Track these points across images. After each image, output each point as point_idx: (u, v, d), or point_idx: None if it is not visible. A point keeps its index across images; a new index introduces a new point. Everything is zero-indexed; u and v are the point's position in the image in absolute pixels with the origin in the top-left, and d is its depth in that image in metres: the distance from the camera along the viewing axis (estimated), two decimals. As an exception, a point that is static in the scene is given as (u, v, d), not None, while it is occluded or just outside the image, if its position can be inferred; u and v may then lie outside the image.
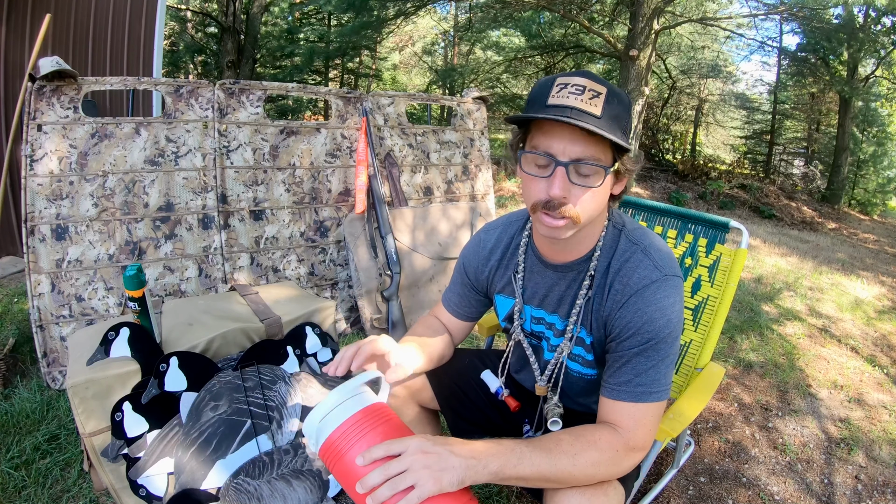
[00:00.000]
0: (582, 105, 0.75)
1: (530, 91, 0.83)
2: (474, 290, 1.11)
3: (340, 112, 2.42)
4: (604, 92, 0.76)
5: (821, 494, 1.60)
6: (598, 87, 0.76)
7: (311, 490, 1.33)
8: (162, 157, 2.01)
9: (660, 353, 0.84)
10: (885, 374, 2.47)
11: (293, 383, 1.45)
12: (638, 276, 0.86)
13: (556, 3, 7.37)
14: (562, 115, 0.74)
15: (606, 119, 0.75)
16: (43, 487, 1.38)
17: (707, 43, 12.09)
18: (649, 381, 0.84)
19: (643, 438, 0.84)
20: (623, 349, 0.86)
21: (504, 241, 1.06)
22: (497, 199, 5.76)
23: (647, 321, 0.83)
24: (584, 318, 0.94)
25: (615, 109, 0.77)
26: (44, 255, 1.83)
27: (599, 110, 0.75)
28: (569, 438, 0.81)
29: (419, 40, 15.99)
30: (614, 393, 0.86)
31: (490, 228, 1.10)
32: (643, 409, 0.83)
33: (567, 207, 0.79)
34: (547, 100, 0.77)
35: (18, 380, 1.86)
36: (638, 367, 0.84)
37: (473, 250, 1.09)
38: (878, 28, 8.13)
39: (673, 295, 0.85)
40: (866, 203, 10.36)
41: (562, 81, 0.78)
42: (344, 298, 2.49)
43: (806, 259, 4.96)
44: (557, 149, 0.77)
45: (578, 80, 0.77)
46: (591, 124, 0.73)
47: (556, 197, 0.78)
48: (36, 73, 1.76)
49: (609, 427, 0.84)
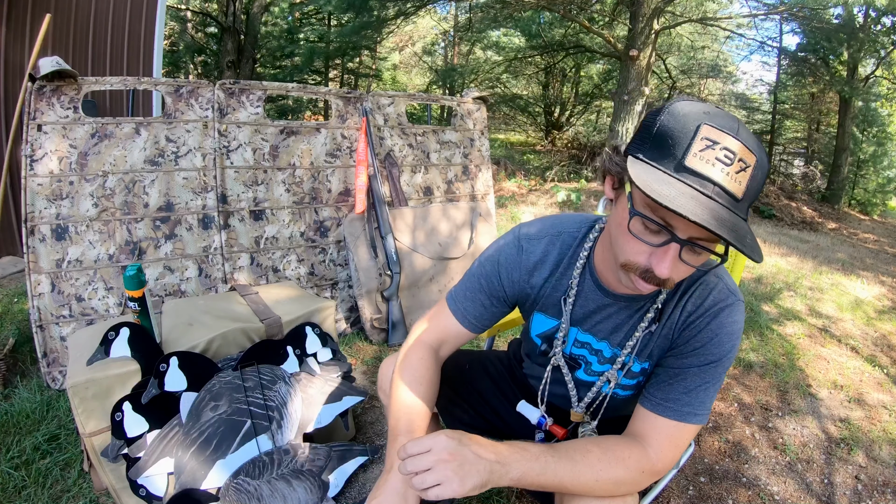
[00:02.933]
0: (726, 182, 0.63)
1: (662, 119, 0.67)
2: (503, 301, 0.98)
3: (340, 112, 2.42)
4: (753, 163, 0.64)
5: (821, 494, 1.60)
6: (749, 156, 0.64)
7: (311, 490, 1.33)
8: (162, 157, 2.01)
9: (715, 375, 0.82)
10: (885, 374, 2.47)
11: (293, 383, 1.45)
12: (713, 298, 0.82)
13: (556, 3, 7.37)
14: (700, 188, 0.63)
15: (747, 200, 0.66)
16: (43, 487, 1.38)
17: (707, 43, 12.10)
18: (697, 401, 0.81)
19: (670, 461, 0.81)
20: (681, 365, 0.83)
21: (553, 256, 0.93)
22: (497, 199, 5.76)
23: (716, 342, 0.81)
24: (641, 350, 0.89)
25: (757, 184, 0.66)
26: (44, 255, 1.83)
27: (742, 189, 0.64)
28: (597, 452, 0.78)
29: (419, 40, 15.99)
30: (659, 407, 0.82)
31: (533, 238, 0.95)
32: (682, 429, 0.81)
33: (665, 281, 0.71)
34: (685, 156, 0.64)
35: (18, 380, 1.86)
36: (690, 384, 0.81)
37: (513, 258, 0.94)
38: (878, 28, 8.13)
39: (741, 320, 0.83)
40: (866, 203, 10.35)
41: (710, 136, 0.63)
42: (344, 298, 2.49)
43: (806, 259, 4.95)
44: (679, 224, 0.66)
45: (731, 143, 0.63)
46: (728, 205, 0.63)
47: (661, 276, 0.69)
48: (36, 73, 1.76)
49: (640, 445, 0.81)
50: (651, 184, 0.62)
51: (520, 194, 6.49)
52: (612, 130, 7.45)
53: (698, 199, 0.61)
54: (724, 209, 0.63)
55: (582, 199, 5.72)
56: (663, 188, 0.61)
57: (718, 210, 0.62)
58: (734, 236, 0.60)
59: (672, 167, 0.65)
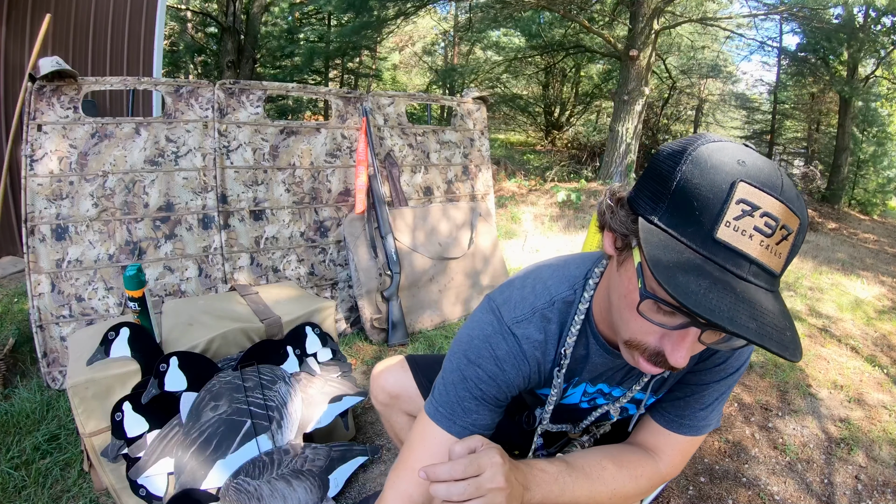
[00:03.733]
0: (764, 257, 0.50)
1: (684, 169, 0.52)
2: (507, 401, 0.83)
3: (340, 112, 2.42)
4: (796, 228, 0.51)
5: (821, 494, 1.60)
6: (793, 220, 0.50)
7: (311, 490, 1.33)
8: (162, 157, 2.01)
9: (729, 387, 0.80)
10: (885, 374, 2.47)
11: (293, 383, 1.45)
12: None
13: (556, 3, 7.37)
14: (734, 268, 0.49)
15: (783, 270, 0.53)
16: (43, 487, 1.38)
17: (707, 43, 12.09)
18: (712, 414, 0.80)
19: (679, 471, 0.82)
20: (698, 381, 0.80)
21: (554, 331, 0.78)
22: (497, 199, 5.76)
23: (736, 356, 0.79)
24: (653, 387, 0.83)
25: (796, 252, 0.53)
26: (44, 255, 1.83)
27: (782, 264, 0.51)
28: (613, 469, 0.77)
29: (419, 40, 15.99)
30: (674, 424, 0.81)
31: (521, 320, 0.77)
32: (695, 443, 0.81)
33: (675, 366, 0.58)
34: (716, 226, 0.49)
35: (18, 380, 1.86)
36: (705, 399, 0.79)
37: (512, 361, 0.77)
38: (878, 28, 8.13)
39: None
40: (866, 203, 10.35)
41: (749, 198, 0.49)
42: (344, 298, 2.49)
43: (806, 259, 4.95)
44: None
45: (774, 205, 0.49)
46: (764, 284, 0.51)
47: (675, 365, 0.57)
48: (36, 73, 1.76)
49: (652, 459, 0.81)
50: (674, 275, 0.48)
51: (520, 194, 6.49)
52: (611, 130, 7.45)
53: (732, 289, 0.48)
54: (763, 292, 0.50)
55: (582, 199, 5.72)
56: (690, 282, 0.48)
57: (757, 298, 0.49)
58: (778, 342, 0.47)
59: (699, 240, 0.50)
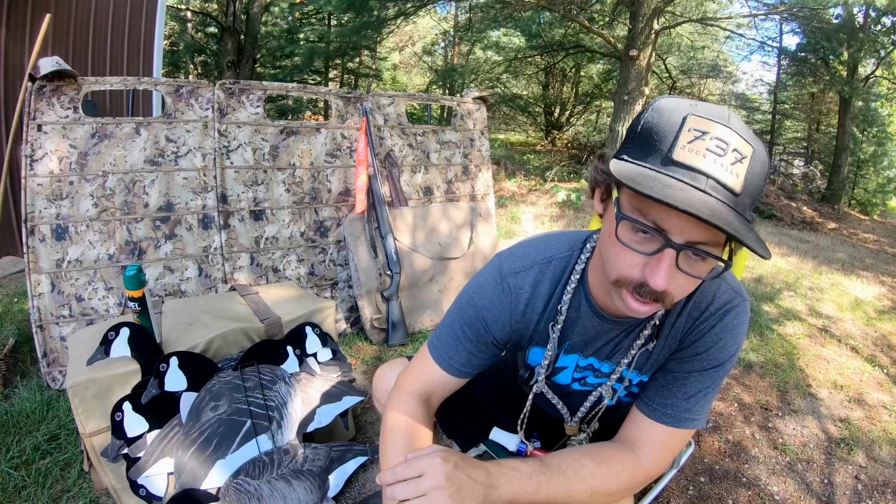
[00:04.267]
0: (721, 174, 0.55)
1: (646, 116, 0.61)
2: (493, 345, 0.88)
3: (340, 112, 2.42)
4: (750, 154, 0.56)
5: (821, 494, 1.60)
6: (745, 146, 0.56)
7: (311, 490, 1.33)
8: (162, 157, 2.01)
9: (715, 379, 0.78)
10: (885, 374, 2.47)
11: (293, 383, 1.45)
12: (718, 300, 0.77)
13: (556, 3, 7.37)
14: (692, 182, 0.55)
15: (747, 195, 0.57)
16: (43, 487, 1.38)
17: (707, 43, 12.09)
18: (696, 407, 0.78)
19: (664, 466, 0.79)
20: (682, 370, 0.79)
21: (545, 287, 0.83)
22: (497, 199, 5.76)
23: (721, 346, 0.77)
24: (639, 365, 0.84)
25: (757, 176, 0.58)
26: (44, 255, 1.83)
27: (741, 184, 0.56)
28: (591, 466, 0.75)
29: (419, 40, 15.99)
30: (656, 413, 0.79)
31: (518, 271, 0.84)
32: (678, 435, 0.78)
33: (662, 294, 0.62)
34: (672, 149, 0.57)
35: (18, 380, 1.86)
36: (690, 390, 0.78)
37: (500, 303, 0.84)
38: (878, 28, 8.13)
39: (746, 321, 0.79)
40: (866, 203, 10.35)
41: (698, 125, 0.56)
42: (344, 298, 2.49)
43: (806, 259, 4.95)
44: (674, 226, 0.58)
45: (723, 132, 0.56)
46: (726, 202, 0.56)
47: (656, 287, 0.61)
48: (36, 73, 1.76)
49: (633, 454, 0.79)
50: (636, 178, 0.55)
51: (520, 194, 6.49)
52: (612, 130, 7.45)
53: (690, 192, 0.54)
54: (722, 204, 0.55)
55: (582, 199, 5.72)
56: (649, 182, 0.55)
57: (714, 204, 0.54)
58: (734, 228, 0.53)
59: (659, 162, 0.58)
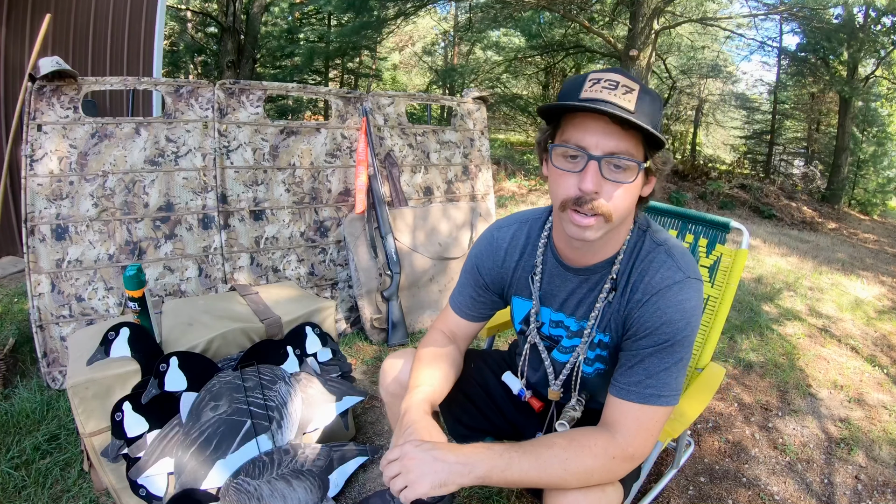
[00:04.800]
0: (615, 99, 0.73)
1: (561, 87, 0.81)
2: (489, 290, 1.06)
3: (340, 112, 2.42)
4: (637, 88, 0.75)
5: (821, 494, 1.60)
6: (632, 84, 0.75)
7: (311, 490, 1.33)
8: (162, 157, 2.01)
9: (674, 355, 0.83)
10: (885, 374, 2.47)
11: (293, 383, 1.45)
12: (661, 276, 0.84)
13: (556, 3, 7.38)
14: (594, 106, 0.73)
15: (640, 115, 0.73)
16: (43, 487, 1.38)
17: (707, 43, 12.09)
18: (660, 383, 0.82)
19: (642, 446, 0.82)
20: (638, 348, 0.85)
21: (520, 240, 1.01)
22: (497, 199, 5.76)
23: (666, 321, 0.82)
24: (601, 321, 0.92)
25: (648, 106, 0.75)
26: (44, 255, 1.83)
27: (633, 105, 0.74)
28: (562, 442, 0.81)
29: (419, 40, 15.99)
30: (623, 392, 0.84)
31: (503, 226, 1.04)
32: (649, 412, 0.82)
33: (598, 203, 0.76)
34: (580, 94, 0.76)
35: (18, 380, 1.86)
36: (650, 367, 0.83)
37: (486, 250, 1.04)
38: (878, 28, 8.13)
39: (694, 298, 0.83)
40: (866, 203, 10.36)
41: (595, 76, 0.76)
42: (344, 298, 2.49)
43: (806, 259, 4.95)
44: (590, 142, 0.75)
45: (611, 76, 0.75)
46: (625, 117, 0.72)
47: (587, 192, 0.75)
48: (36, 73, 1.76)
49: (607, 432, 0.83)
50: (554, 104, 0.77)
51: (520, 194, 6.49)
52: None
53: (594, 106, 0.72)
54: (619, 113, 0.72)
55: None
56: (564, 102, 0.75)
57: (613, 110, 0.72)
58: (628, 115, 0.71)
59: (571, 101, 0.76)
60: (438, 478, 0.76)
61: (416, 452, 0.78)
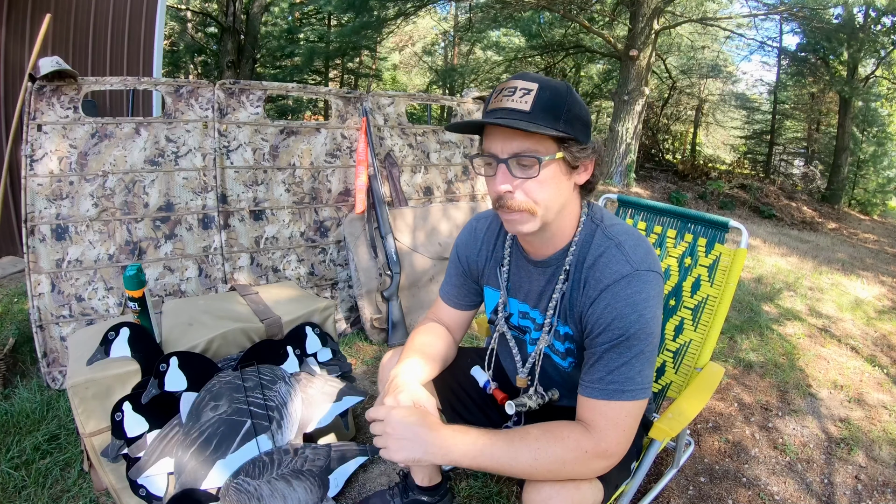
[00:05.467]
0: (512, 104, 0.80)
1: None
2: (470, 278, 1.12)
3: (340, 112, 2.42)
4: (534, 88, 0.80)
5: (821, 494, 1.60)
6: (529, 85, 0.80)
7: (311, 490, 1.34)
8: (162, 157, 2.01)
9: (632, 349, 0.82)
10: (885, 374, 2.47)
11: (293, 383, 1.45)
12: (609, 271, 0.86)
13: (556, 3, 7.38)
14: (492, 117, 0.80)
15: (538, 112, 0.79)
16: (43, 487, 1.38)
17: (707, 43, 12.09)
18: (622, 378, 0.82)
19: (616, 442, 0.82)
20: (596, 345, 0.86)
21: (494, 230, 1.07)
22: (497, 199, 5.75)
23: (616, 316, 0.83)
24: (560, 312, 0.95)
25: (547, 101, 0.80)
26: (44, 255, 1.83)
27: (529, 106, 0.79)
28: (536, 433, 0.83)
29: (419, 40, 15.99)
30: (587, 390, 0.85)
31: (482, 217, 1.11)
32: (616, 408, 0.82)
33: (516, 200, 0.83)
34: (488, 105, 0.84)
35: (18, 380, 1.86)
36: (610, 363, 0.83)
37: (466, 239, 1.11)
38: (878, 28, 8.13)
39: (645, 290, 0.83)
40: (866, 203, 10.36)
41: (500, 86, 0.83)
42: (344, 298, 2.49)
43: (806, 259, 4.95)
44: (497, 148, 0.82)
45: (512, 83, 0.82)
46: (519, 119, 0.78)
47: (500, 191, 0.82)
48: (36, 73, 1.76)
49: (582, 426, 0.84)
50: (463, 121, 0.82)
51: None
52: (612, 130, 7.45)
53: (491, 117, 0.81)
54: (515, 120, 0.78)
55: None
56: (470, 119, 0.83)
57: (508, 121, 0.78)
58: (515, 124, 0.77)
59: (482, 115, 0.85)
60: (414, 454, 0.81)
61: (401, 424, 0.83)
